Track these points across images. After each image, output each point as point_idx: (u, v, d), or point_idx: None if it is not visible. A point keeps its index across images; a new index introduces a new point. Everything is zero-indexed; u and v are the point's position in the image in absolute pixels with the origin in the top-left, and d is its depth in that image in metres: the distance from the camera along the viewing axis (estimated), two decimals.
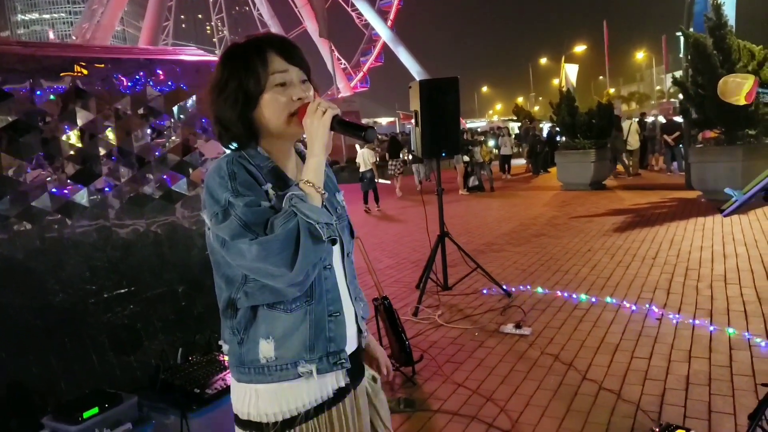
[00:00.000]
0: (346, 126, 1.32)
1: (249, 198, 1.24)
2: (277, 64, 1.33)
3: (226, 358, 2.96)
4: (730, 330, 3.93)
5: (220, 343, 1.45)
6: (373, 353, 1.67)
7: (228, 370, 2.88)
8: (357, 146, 14.78)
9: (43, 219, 2.95)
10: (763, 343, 3.65)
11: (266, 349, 1.33)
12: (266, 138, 1.38)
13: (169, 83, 3.55)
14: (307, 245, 1.19)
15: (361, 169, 12.63)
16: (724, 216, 2.42)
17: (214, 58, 3.94)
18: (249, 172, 1.29)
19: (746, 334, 3.84)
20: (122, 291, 3.24)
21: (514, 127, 28.63)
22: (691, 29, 11.29)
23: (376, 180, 12.82)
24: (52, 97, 3.02)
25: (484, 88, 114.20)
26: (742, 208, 2.33)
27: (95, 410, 2.43)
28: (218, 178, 1.27)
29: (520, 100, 55.14)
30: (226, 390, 2.74)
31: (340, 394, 1.41)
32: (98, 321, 3.10)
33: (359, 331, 1.51)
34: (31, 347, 2.82)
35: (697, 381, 3.25)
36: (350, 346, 1.45)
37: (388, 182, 15.75)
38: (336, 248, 1.42)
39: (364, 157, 12.56)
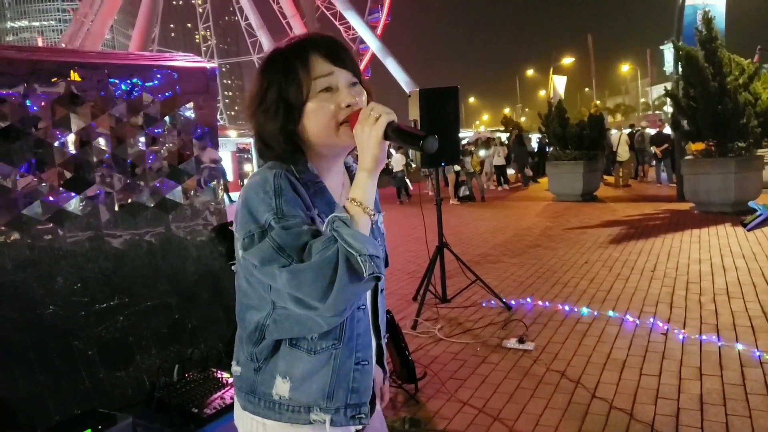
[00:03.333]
0: (403, 134, 1.12)
1: (290, 220, 1.09)
2: (321, 67, 1.17)
3: (228, 376, 2.86)
4: (740, 346, 3.86)
5: (232, 363, 1.32)
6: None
7: (227, 388, 2.77)
8: (392, 149, 15.45)
9: (33, 228, 2.83)
10: None
11: (281, 388, 1.21)
12: (314, 153, 1.23)
13: (166, 89, 3.44)
14: (343, 280, 1.02)
15: (395, 170, 15.94)
16: (748, 230, 2.35)
17: (213, 65, 3.84)
18: (296, 191, 1.14)
19: (756, 350, 3.77)
20: (114, 303, 3.11)
21: (502, 137, 28.72)
22: (681, 42, 11.37)
23: (406, 179, 16.19)
24: (43, 102, 2.90)
25: (471, 99, 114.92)
26: (766, 222, 2.26)
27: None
28: (262, 193, 1.11)
29: (507, 111, 55.45)
30: (226, 409, 2.62)
31: None
32: (89, 335, 2.97)
33: (383, 372, 1.39)
34: (18, 363, 2.68)
35: (712, 400, 3.16)
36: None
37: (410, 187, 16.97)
38: None
39: (396, 160, 15.79)
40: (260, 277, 1.15)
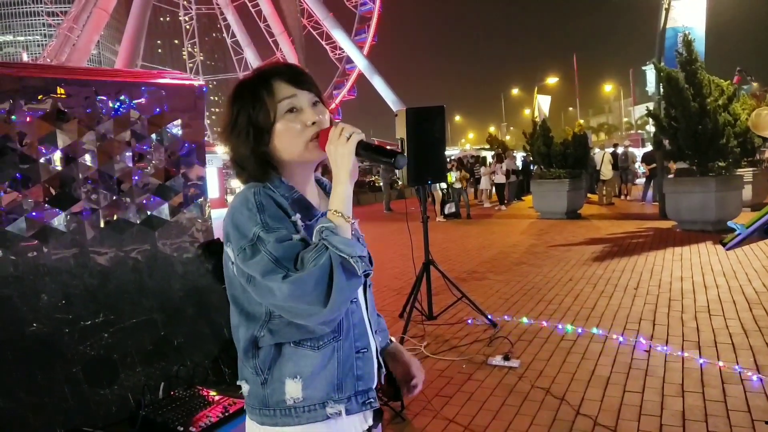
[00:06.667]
0: (373, 151, 1.24)
1: (280, 232, 1.18)
2: (284, 90, 1.28)
3: (214, 393, 2.84)
4: (721, 363, 3.91)
5: (239, 383, 1.35)
6: (407, 361, 1.56)
7: (213, 406, 2.75)
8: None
9: (17, 244, 2.81)
10: (754, 377, 3.63)
11: (293, 389, 1.26)
12: (286, 169, 1.33)
13: (153, 107, 3.45)
14: (341, 281, 1.13)
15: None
16: (727, 249, 2.39)
17: (201, 83, 3.86)
18: (277, 203, 1.24)
19: (737, 367, 3.82)
20: (99, 320, 3.09)
21: (487, 156, 28.92)
22: (662, 63, 11.59)
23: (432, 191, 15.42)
24: (28, 119, 2.90)
25: (457, 117, 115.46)
26: (744, 242, 2.31)
27: None
28: (246, 211, 1.20)
29: (492, 129, 55.93)
30: (212, 428, 2.61)
31: None
32: (73, 352, 2.94)
33: (379, 366, 1.43)
34: (0, 381, 2.65)
35: (693, 417, 3.20)
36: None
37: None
38: None
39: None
40: (256, 294, 1.21)
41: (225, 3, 53.38)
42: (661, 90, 11.14)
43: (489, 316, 5.24)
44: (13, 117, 2.80)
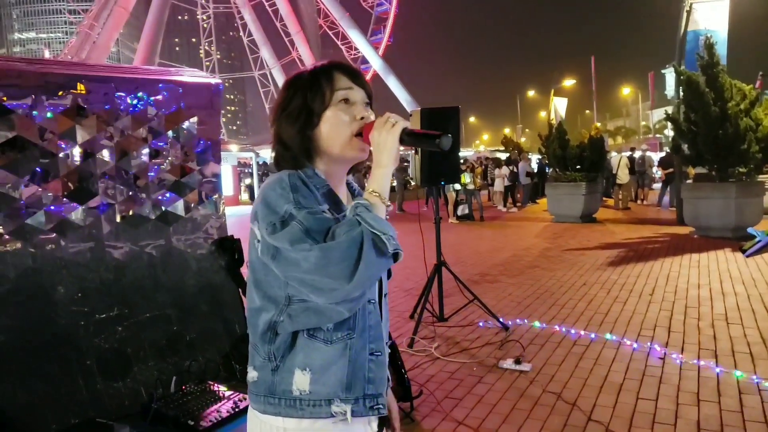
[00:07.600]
0: (417, 137, 1.26)
1: (312, 208, 1.19)
2: (343, 81, 1.32)
3: (225, 389, 2.85)
4: (738, 373, 3.85)
5: (248, 370, 1.35)
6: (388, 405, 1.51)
7: (224, 402, 2.77)
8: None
9: (36, 237, 2.84)
10: None
11: (301, 380, 1.25)
12: (322, 160, 1.34)
13: (170, 104, 3.47)
14: (370, 257, 1.12)
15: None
16: (746, 256, 2.36)
17: (217, 81, 3.87)
18: (308, 188, 1.25)
19: (755, 377, 3.76)
20: (113, 314, 3.11)
21: (502, 158, 28.80)
22: (683, 67, 11.46)
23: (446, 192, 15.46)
24: (49, 114, 2.93)
25: (472, 119, 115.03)
26: (765, 248, 2.27)
27: None
28: (279, 189, 1.22)
29: (507, 131, 55.73)
30: (222, 422, 2.61)
31: None
32: (88, 345, 2.97)
33: (387, 379, 1.41)
34: (16, 372, 2.68)
35: (709, 426, 3.15)
36: None
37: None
38: (375, 286, 1.36)
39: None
40: (279, 269, 1.20)
41: (242, 2, 53.72)
42: (681, 93, 11.02)
43: (501, 319, 5.22)
44: (34, 112, 2.83)
